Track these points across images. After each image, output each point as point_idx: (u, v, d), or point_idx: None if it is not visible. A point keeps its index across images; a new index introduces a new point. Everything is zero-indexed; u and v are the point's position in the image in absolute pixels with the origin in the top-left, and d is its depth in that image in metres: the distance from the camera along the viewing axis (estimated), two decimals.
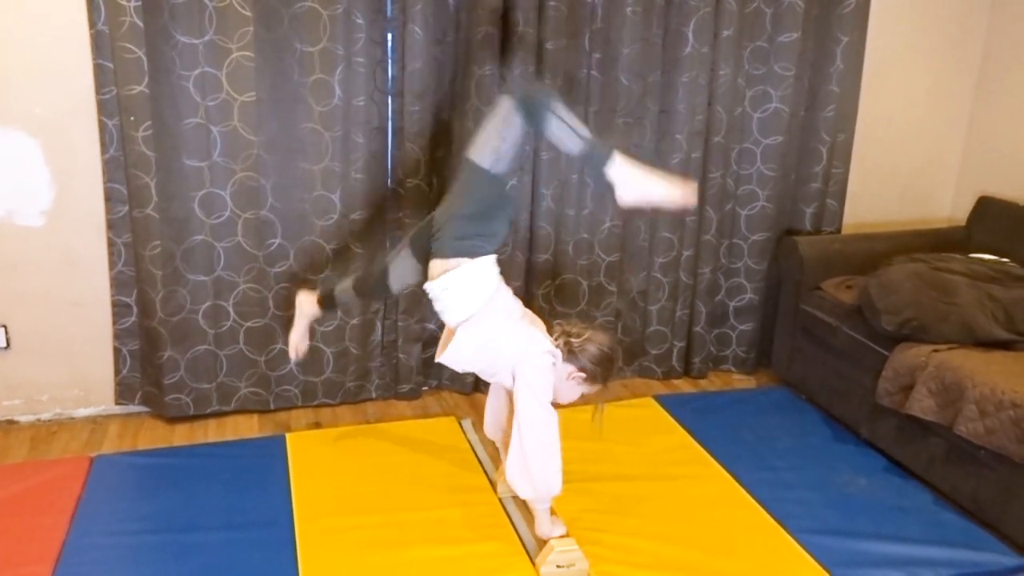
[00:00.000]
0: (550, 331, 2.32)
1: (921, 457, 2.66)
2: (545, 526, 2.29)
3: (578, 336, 2.27)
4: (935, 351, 2.62)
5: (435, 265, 2.18)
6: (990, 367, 2.49)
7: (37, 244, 2.78)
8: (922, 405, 2.56)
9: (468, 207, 2.16)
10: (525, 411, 2.17)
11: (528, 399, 2.17)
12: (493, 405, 2.57)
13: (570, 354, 2.26)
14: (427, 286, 2.21)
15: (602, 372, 2.29)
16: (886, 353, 2.76)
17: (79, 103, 2.66)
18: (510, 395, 2.32)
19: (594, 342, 2.27)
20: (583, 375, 2.27)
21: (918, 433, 2.65)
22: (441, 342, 2.35)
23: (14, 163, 2.69)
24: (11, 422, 2.92)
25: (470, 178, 2.16)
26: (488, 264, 2.21)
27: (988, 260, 2.98)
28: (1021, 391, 2.33)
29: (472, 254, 2.16)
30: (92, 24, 2.57)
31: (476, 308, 2.18)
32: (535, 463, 2.18)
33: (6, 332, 2.83)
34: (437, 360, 2.31)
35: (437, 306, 2.23)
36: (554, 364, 2.23)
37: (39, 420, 2.95)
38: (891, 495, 2.61)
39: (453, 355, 2.25)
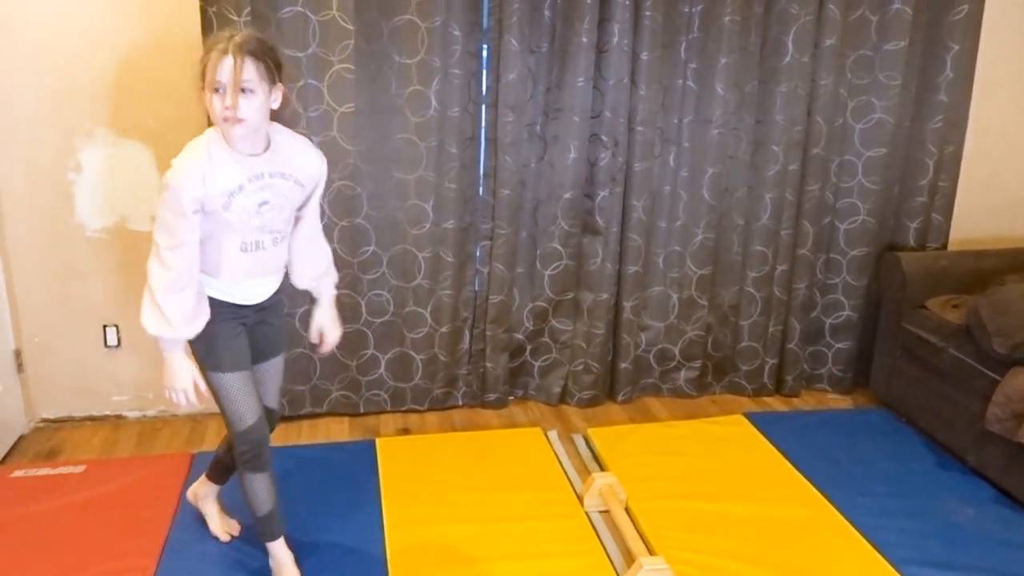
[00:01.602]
0: None
1: None
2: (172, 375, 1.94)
3: None
4: None
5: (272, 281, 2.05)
6: None
7: (148, 247, 2.90)
8: None
9: None
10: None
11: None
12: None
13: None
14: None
15: (205, 49, 1.79)
16: (996, 377, 2.62)
17: (190, 114, 2.78)
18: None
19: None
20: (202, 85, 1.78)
21: None
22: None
23: (129, 172, 2.83)
24: (120, 417, 3.07)
25: None
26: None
27: None
28: None
29: None
30: (204, 38, 2.68)
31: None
32: (150, 308, 1.89)
33: (118, 332, 2.97)
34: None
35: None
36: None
37: (145, 416, 3.09)
38: (1000, 527, 2.48)
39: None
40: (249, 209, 1.86)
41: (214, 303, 1.96)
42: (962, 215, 3.39)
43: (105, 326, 2.97)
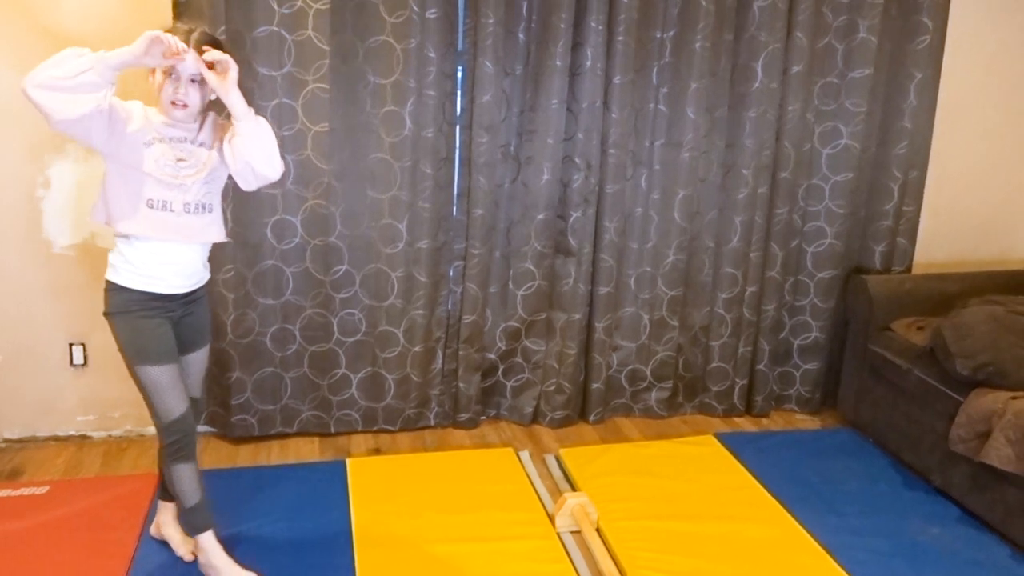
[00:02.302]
0: None
1: (997, 508, 2.55)
2: (137, 42, 1.84)
3: None
4: (1013, 398, 2.53)
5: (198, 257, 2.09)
6: None
7: None
8: (1000, 454, 2.47)
9: None
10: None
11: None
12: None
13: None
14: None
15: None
16: (960, 398, 2.67)
17: None
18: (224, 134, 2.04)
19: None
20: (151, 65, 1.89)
21: (994, 482, 2.55)
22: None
23: (98, 188, 2.80)
24: (85, 437, 3.02)
25: None
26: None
27: None
28: None
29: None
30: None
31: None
32: (54, 66, 1.80)
33: (84, 350, 2.93)
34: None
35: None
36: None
37: (110, 436, 3.04)
38: (965, 547, 2.52)
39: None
40: (165, 160, 1.96)
41: (140, 295, 2.00)
42: (926, 239, 3.46)
43: (71, 344, 2.93)
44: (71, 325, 2.91)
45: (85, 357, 2.94)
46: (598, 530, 2.51)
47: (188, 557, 2.30)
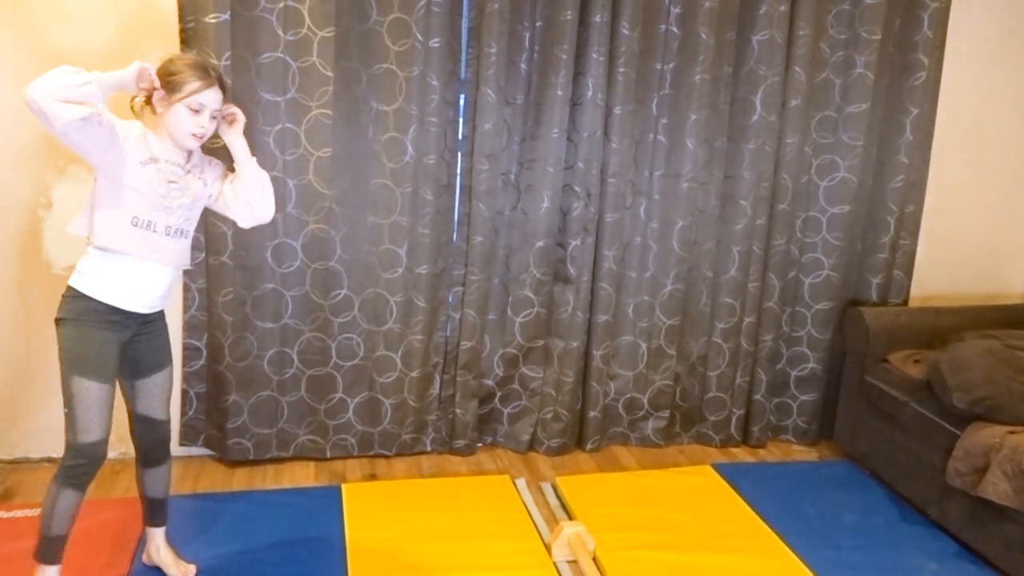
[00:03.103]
0: None
1: (995, 543, 2.54)
2: (128, 70, 1.94)
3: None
4: (1011, 432, 2.53)
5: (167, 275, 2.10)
6: None
7: None
8: (997, 489, 2.46)
9: None
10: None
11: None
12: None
13: (153, 92, 1.98)
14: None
15: (183, 71, 1.96)
16: (957, 432, 2.67)
17: None
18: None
19: (163, 60, 1.98)
20: (167, 94, 1.97)
21: (992, 517, 2.54)
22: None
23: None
24: None
25: None
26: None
27: None
28: None
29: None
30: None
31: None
32: (49, 81, 1.83)
33: None
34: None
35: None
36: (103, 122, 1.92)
37: (107, 460, 3.00)
38: None
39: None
40: (158, 180, 2.00)
41: (99, 307, 1.99)
42: (922, 272, 3.48)
43: None
44: None
45: None
46: (595, 559, 2.49)
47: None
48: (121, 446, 3.01)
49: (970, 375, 2.66)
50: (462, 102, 2.97)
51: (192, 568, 2.34)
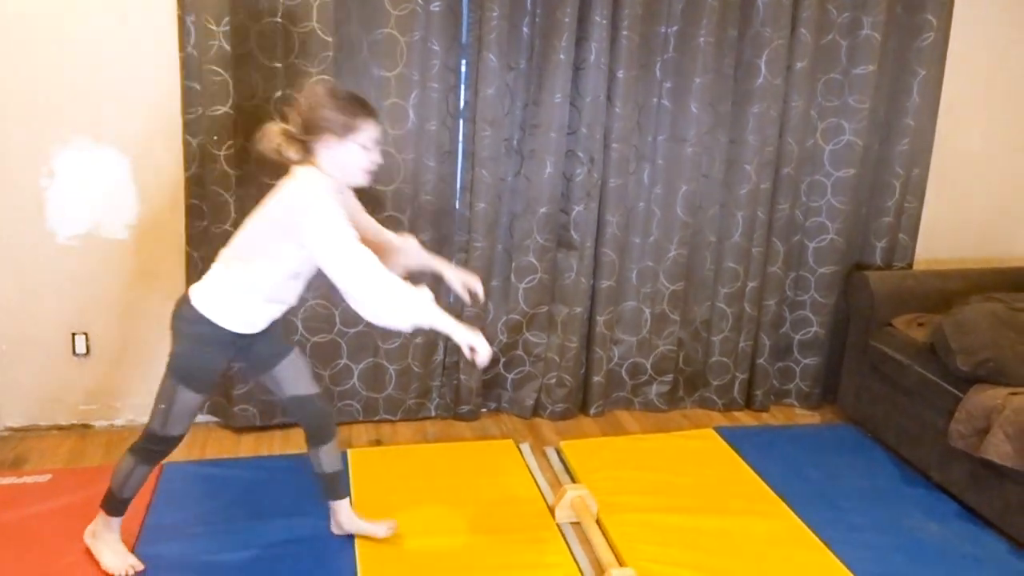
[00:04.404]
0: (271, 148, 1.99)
1: (996, 504, 2.56)
2: (460, 332, 1.94)
3: (297, 123, 1.94)
4: (1013, 394, 2.54)
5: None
6: None
7: (121, 256, 2.89)
8: (998, 450, 2.48)
9: None
10: (339, 272, 1.90)
11: (330, 258, 1.89)
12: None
13: (308, 142, 1.93)
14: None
15: (345, 112, 1.93)
16: (960, 394, 2.68)
17: (166, 123, 2.77)
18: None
19: (314, 106, 1.92)
20: (337, 136, 1.93)
21: (993, 479, 2.56)
22: None
23: (105, 179, 2.81)
24: (87, 427, 3.03)
25: None
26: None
27: None
28: None
29: None
30: (182, 47, 2.68)
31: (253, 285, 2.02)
32: (387, 296, 1.90)
33: (87, 340, 2.94)
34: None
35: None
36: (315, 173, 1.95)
37: (113, 426, 3.05)
38: (964, 542, 2.53)
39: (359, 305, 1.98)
40: None
41: (224, 335, 2.03)
42: (927, 236, 3.47)
43: (74, 334, 2.93)
44: (74, 315, 2.91)
45: (88, 347, 2.95)
46: (598, 522, 2.52)
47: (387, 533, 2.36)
48: (129, 413, 3.05)
49: (973, 338, 2.66)
50: (464, 67, 2.94)
51: (392, 522, 2.40)
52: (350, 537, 2.39)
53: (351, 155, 1.95)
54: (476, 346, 1.93)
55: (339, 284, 1.92)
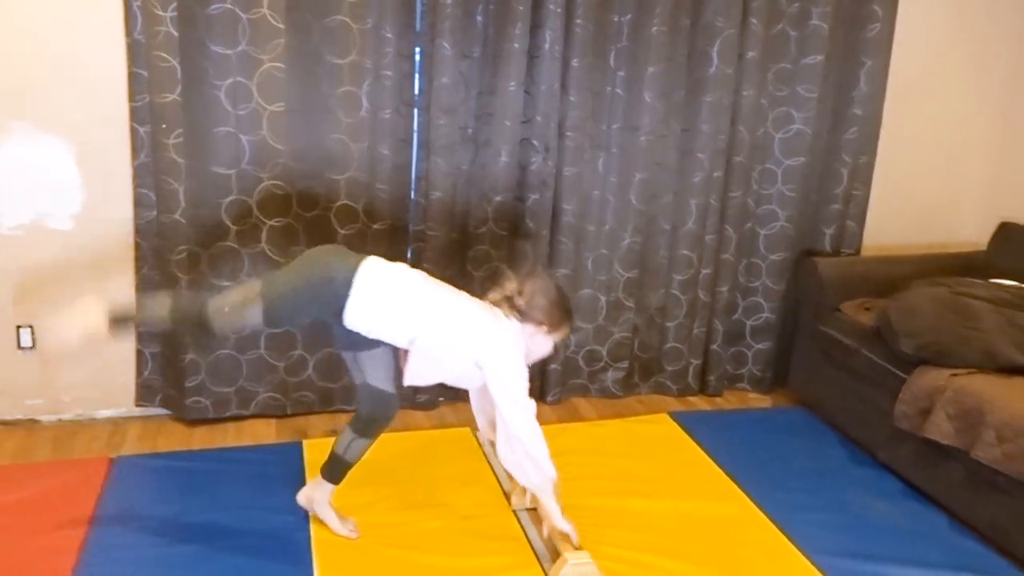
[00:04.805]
0: (477, 294, 2.30)
1: (939, 482, 2.65)
2: (558, 517, 2.29)
3: (519, 294, 2.24)
4: (954, 375, 2.61)
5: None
6: (1011, 393, 2.49)
7: (66, 247, 2.83)
8: (940, 429, 2.56)
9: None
10: (507, 411, 2.18)
11: (504, 399, 2.18)
12: (479, 404, 2.51)
13: (522, 316, 2.23)
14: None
15: (559, 315, 2.26)
16: (905, 377, 2.75)
17: (113, 110, 2.71)
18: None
19: (539, 293, 2.24)
20: (545, 328, 2.25)
21: (936, 457, 2.64)
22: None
23: (49, 168, 2.74)
24: (34, 421, 2.96)
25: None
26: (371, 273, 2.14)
27: (1009, 286, 2.97)
28: None
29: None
30: (128, 33, 2.62)
31: (401, 322, 2.15)
32: (531, 454, 2.21)
33: (32, 333, 2.87)
34: (405, 384, 2.28)
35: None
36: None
37: (61, 420, 2.98)
38: (908, 519, 2.61)
39: (414, 376, 2.24)
40: None
41: (340, 303, 2.11)
42: (874, 222, 3.55)
43: (19, 327, 2.86)
44: (19, 307, 2.84)
45: (33, 340, 2.88)
46: None
47: (354, 535, 2.37)
48: (77, 407, 2.99)
49: (917, 322, 2.73)
50: (418, 55, 2.92)
51: (354, 527, 2.42)
52: (305, 526, 2.38)
53: (546, 345, 2.29)
54: (571, 535, 2.27)
55: (504, 415, 2.18)
